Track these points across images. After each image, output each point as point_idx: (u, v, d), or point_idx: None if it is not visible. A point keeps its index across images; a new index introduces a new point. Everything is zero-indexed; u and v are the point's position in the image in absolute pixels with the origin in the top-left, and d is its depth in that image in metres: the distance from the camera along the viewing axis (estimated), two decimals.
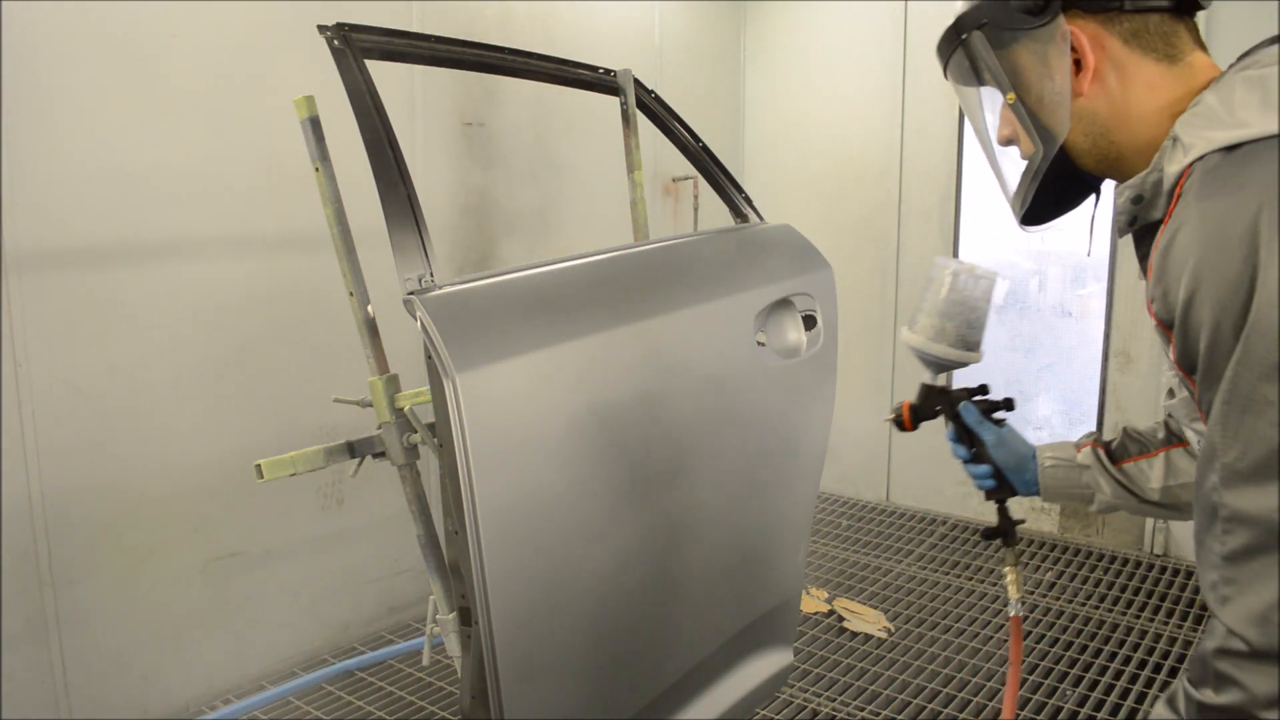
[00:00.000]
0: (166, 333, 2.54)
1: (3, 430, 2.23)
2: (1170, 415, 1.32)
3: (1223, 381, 0.83)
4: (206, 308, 2.62)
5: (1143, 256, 1.01)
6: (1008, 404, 1.43)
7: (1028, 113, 1.05)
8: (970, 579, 3.57)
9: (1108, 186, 1.11)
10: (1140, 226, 1.00)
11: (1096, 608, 3.29)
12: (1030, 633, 3.12)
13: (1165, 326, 0.89)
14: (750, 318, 1.75)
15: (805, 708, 2.70)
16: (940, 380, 1.45)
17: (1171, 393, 1.20)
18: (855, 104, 4.36)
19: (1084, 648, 3.01)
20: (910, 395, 1.51)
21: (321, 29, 1.53)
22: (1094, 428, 3.87)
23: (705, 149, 2.10)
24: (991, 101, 1.12)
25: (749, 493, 1.83)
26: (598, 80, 2.06)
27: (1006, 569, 1.52)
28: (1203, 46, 1.02)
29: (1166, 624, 3.16)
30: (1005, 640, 3.06)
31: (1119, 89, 1.00)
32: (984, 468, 1.43)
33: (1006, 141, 1.11)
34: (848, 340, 1.98)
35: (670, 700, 1.76)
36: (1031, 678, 2.83)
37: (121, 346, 2.45)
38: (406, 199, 1.41)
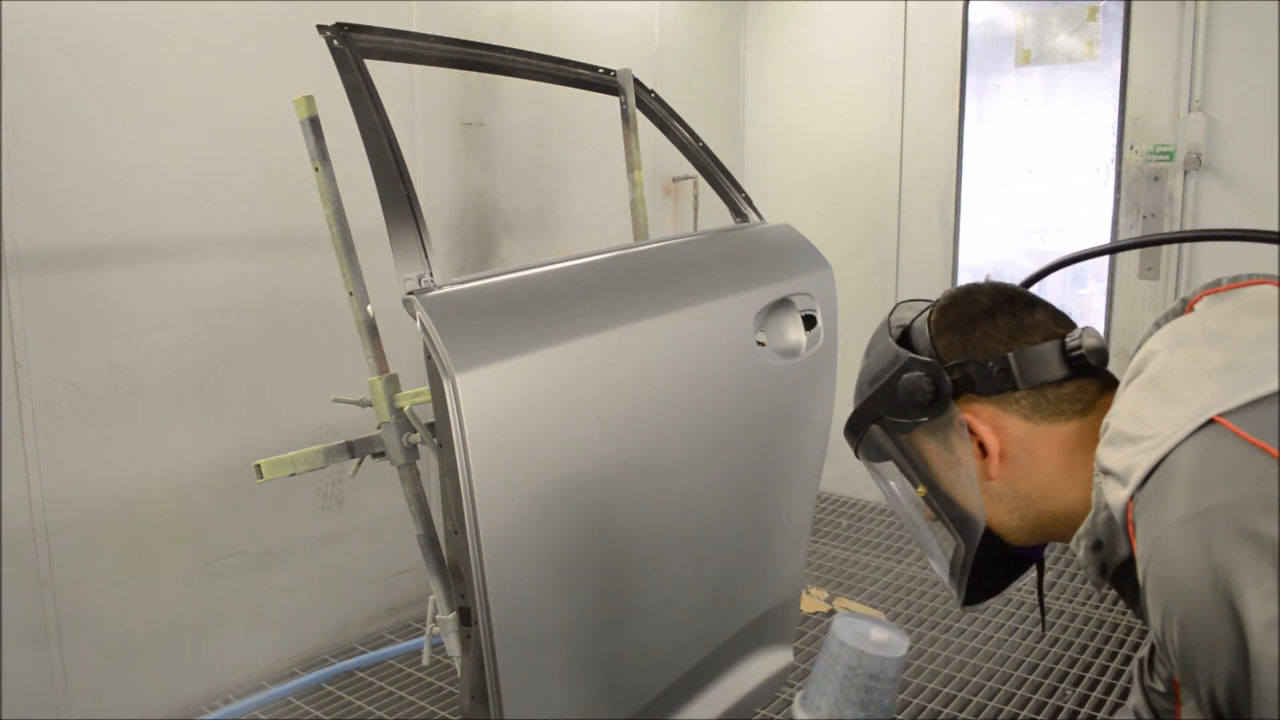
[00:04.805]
0: (166, 333, 2.54)
1: (3, 430, 2.23)
2: None
3: None
4: (206, 308, 2.62)
5: (1132, 601, 0.90)
6: None
7: (941, 503, 1.01)
8: None
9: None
10: (1115, 569, 0.89)
11: (1096, 608, 3.29)
12: (1030, 633, 3.12)
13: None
14: (750, 318, 1.75)
15: None
16: None
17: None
18: (855, 104, 4.36)
19: (1084, 648, 3.01)
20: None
21: (321, 29, 1.53)
22: None
23: (705, 149, 2.10)
24: (906, 487, 1.07)
25: (749, 493, 1.83)
26: (598, 80, 2.06)
27: None
28: (1114, 384, 0.96)
29: None
30: (1006, 640, 3.07)
31: (1032, 463, 0.95)
32: None
33: (935, 520, 1.05)
34: (848, 340, 1.98)
35: (670, 700, 1.76)
36: (1031, 678, 2.83)
37: (121, 346, 2.45)
38: (406, 199, 1.41)
